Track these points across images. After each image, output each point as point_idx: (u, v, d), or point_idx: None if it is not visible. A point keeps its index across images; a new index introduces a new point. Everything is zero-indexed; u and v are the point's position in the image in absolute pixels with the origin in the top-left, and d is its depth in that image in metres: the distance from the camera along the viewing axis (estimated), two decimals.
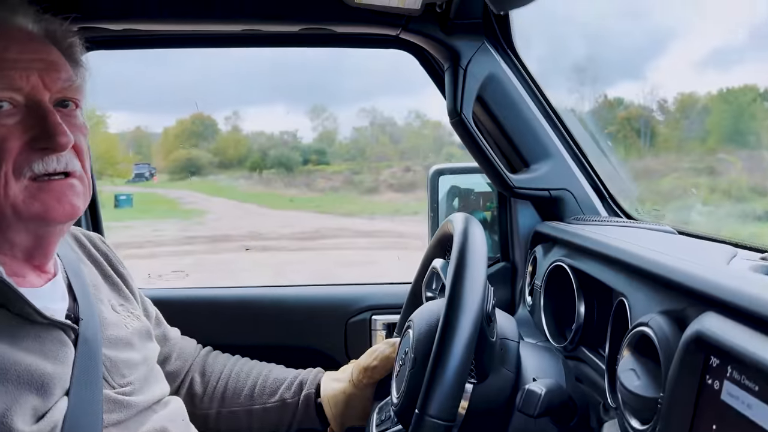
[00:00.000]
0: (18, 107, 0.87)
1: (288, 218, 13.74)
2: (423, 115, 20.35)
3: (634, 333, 0.83)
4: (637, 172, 7.91)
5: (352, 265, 8.99)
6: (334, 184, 17.15)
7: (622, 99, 10.85)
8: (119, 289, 1.17)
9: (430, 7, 1.35)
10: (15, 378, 0.82)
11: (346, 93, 32.97)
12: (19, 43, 0.89)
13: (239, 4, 1.32)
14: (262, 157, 18.66)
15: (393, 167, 17.54)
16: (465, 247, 0.93)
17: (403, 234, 11.48)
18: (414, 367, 0.97)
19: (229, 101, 30.25)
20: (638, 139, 10.83)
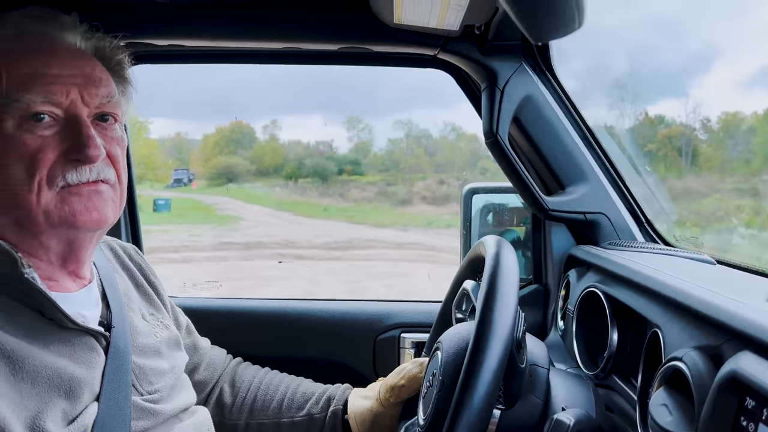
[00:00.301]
0: (57, 120, 0.90)
1: (322, 227, 13.83)
2: (459, 128, 20.30)
3: (667, 367, 0.82)
4: (677, 191, 7.71)
5: (383, 276, 8.99)
6: (368, 195, 17.21)
7: (663, 117, 10.63)
8: (150, 299, 1.19)
9: (469, 28, 1.35)
10: (46, 381, 0.84)
11: (382, 104, 33.14)
12: (62, 59, 0.92)
13: (281, 23, 1.35)
14: (297, 166, 18.86)
15: (427, 179, 17.52)
16: (497, 272, 0.93)
17: (435, 247, 11.45)
18: (441, 390, 0.97)
19: (268, 110, 30.74)
20: (679, 158, 10.59)
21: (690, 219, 5.93)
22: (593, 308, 1.27)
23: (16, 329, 0.85)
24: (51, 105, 0.89)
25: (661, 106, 13.63)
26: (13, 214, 0.89)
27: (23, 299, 0.87)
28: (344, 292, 8.25)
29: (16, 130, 0.87)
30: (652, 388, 0.85)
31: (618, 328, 1.15)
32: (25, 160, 0.87)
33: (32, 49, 0.91)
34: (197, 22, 1.35)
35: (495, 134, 1.39)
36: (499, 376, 0.83)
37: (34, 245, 0.92)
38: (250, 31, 1.36)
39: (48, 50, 0.92)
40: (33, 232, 0.90)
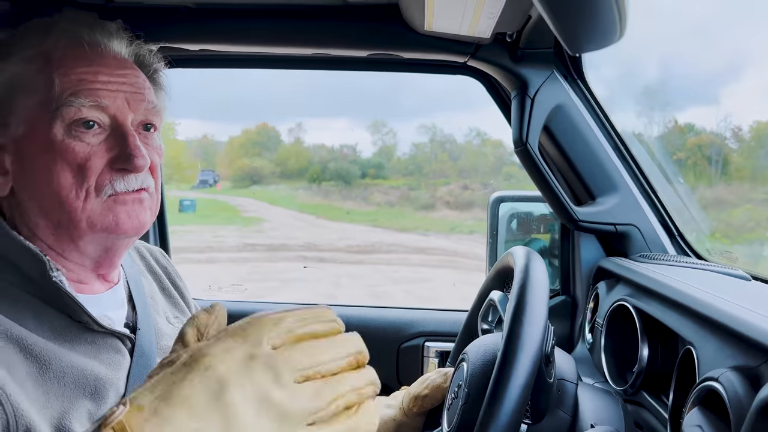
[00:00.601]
0: (103, 127, 0.91)
1: (344, 231, 13.87)
2: (484, 134, 20.21)
3: (702, 387, 0.79)
4: (707, 201, 7.58)
5: (405, 281, 8.98)
6: (391, 199, 17.20)
7: (693, 125, 10.46)
8: (176, 302, 1.20)
9: (500, 35, 1.34)
10: (72, 381, 0.85)
11: (407, 109, 33.11)
12: (111, 68, 0.93)
13: (312, 29, 1.35)
14: (321, 169, 18.94)
15: (450, 184, 17.45)
16: (526, 285, 0.91)
17: (457, 252, 11.40)
18: (467, 402, 0.96)
19: (293, 113, 30.95)
20: (709, 167, 10.40)
21: (719, 229, 5.81)
22: (623, 322, 1.25)
23: (43, 330, 0.86)
24: (100, 111, 0.90)
25: (691, 114, 13.40)
26: (55, 218, 0.90)
27: (51, 301, 0.88)
28: (365, 296, 8.25)
29: (65, 136, 0.88)
30: (686, 407, 0.83)
31: (648, 343, 1.13)
32: (74, 168, 0.88)
33: (84, 56, 0.92)
34: (229, 28, 1.35)
35: (525, 143, 1.37)
36: (527, 392, 0.82)
37: (70, 248, 0.93)
38: (281, 37, 1.36)
39: (98, 58, 0.93)
40: (72, 236, 0.91)
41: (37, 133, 0.88)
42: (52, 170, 0.88)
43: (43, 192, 0.89)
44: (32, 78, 0.89)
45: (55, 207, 0.89)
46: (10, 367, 0.79)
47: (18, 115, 0.88)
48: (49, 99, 0.88)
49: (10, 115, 0.88)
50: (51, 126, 0.87)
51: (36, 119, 0.88)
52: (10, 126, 0.88)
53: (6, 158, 0.89)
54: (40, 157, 0.88)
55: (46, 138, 0.87)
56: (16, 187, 0.90)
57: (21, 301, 0.86)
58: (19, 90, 0.89)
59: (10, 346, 0.81)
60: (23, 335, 0.82)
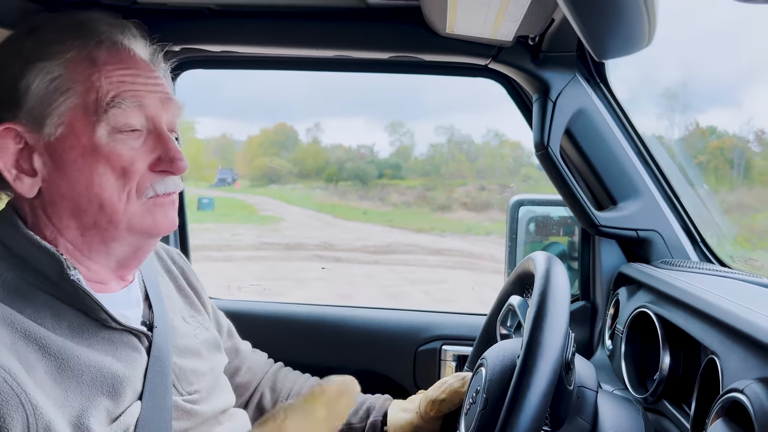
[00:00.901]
0: (142, 131, 0.92)
1: (361, 231, 13.88)
2: (502, 135, 20.10)
3: (726, 398, 0.78)
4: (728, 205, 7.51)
5: (421, 282, 8.96)
6: (407, 199, 17.17)
7: (715, 127, 10.30)
8: (192, 302, 1.21)
9: (523, 38, 1.33)
10: (90, 379, 0.86)
11: (424, 109, 33.07)
12: (145, 71, 0.94)
13: (333, 31, 1.35)
14: (338, 169, 18.98)
15: (467, 185, 17.39)
16: (547, 291, 0.90)
17: (473, 254, 11.35)
18: (485, 408, 0.95)
19: (311, 113, 31.05)
20: (731, 171, 10.23)
21: (741, 234, 5.73)
22: (643, 329, 1.23)
23: (61, 329, 0.87)
24: (140, 114, 0.91)
25: (713, 117, 13.16)
26: (90, 220, 0.90)
27: (68, 300, 0.89)
28: (380, 296, 8.25)
29: (109, 139, 0.89)
30: (709, 418, 0.82)
31: (670, 352, 1.11)
32: (117, 171, 0.89)
33: (121, 59, 0.93)
34: (251, 30, 1.36)
35: (546, 146, 1.36)
36: (547, 399, 0.81)
37: (98, 250, 0.93)
38: (303, 39, 1.37)
39: (134, 62, 0.94)
40: (105, 238, 0.92)
41: (79, 135, 0.88)
42: (94, 173, 0.88)
43: (81, 194, 0.89)
44: (75, 80, 0.89)
45: (94, 209, 0.90)
46: (29, 366, 0.80)
47: (57, 116, 0.88)
48: (93, 102, 0.88)
49: (47, 116, 0.88)
50: (94, 129, 0.88)
51: (77, 121, 0.88)
52: (45, 127, 0.88)
53: (36, 159, 0.89)
54: (81, 159, 0.88)
55: (89, 141, 0.88)
56: (46, 188, 0.90)
57: (39, 301, 0.87)
58: (60, 91, 0.88)
59: (28, 345, 0.82)
60: (42, 334, 0.83)
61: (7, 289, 0.86)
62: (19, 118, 0.88)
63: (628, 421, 1.02)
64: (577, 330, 1.55)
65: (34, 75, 0.88)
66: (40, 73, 0.88)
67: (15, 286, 0.87)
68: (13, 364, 0.77)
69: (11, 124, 0.88)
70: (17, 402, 0.75)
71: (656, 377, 1.12)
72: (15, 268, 0.88)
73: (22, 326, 0.82)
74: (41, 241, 0.89)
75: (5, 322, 0.81)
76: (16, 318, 0.82)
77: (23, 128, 0.88)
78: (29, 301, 0.86)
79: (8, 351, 0.78)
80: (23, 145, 0.89)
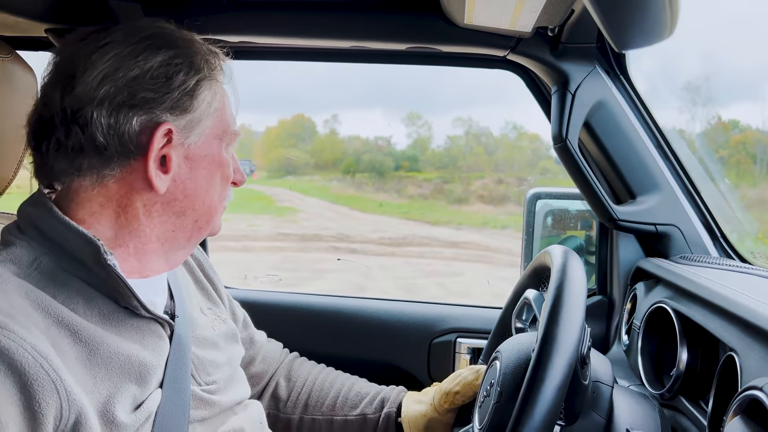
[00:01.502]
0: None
1: (377, 223, 13.88)
2: (520, 127, 19.90)
3: (745, 396, 0.77)
4: (750, 200, 7.36)
5: (437, 275, 8.95)
6: (424, 192, 17.11)
7: (737, 121, 10.12)
8: (209, 294, 1.22)
9: (542, 30, 1.32)
10: (119, 366, 0.87)
11: (442, 101, 32.89)
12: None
13: (350, 22, 1.35)
14: (355, 161, 18.96)
15: (485, 178, 17.28)
16: (563, 285, 0.90)
17: (490, 247, 11.30)
18: (499, 401, 0.95)
19: (329, 104, 31.03)
20: (753, 166, 10.05)
21: (763, 230, 5.62)
22: (661, 325, 1.22)
23: (92, 315, 0.88)
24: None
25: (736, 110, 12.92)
26: (192, 219, 0.99)
27: (99, 286, 0.90)
28: (396, 288, 8.26)
29: (226, 152, 1.02)
30: (726, 416, 0.81)
31: (688, 348, 1.10)
32: (223, 178, 1.02)
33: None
34: (268, 21, 1.36)
35: (564, 139, 1.35)
36: (562, 393, 0.81)
37: (174, 245, 1.00)
38: (320, 29, 1.36)
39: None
40: (193, 235, 1.01)
41: (211, 146, 0.99)
42: (213, 178, 1.00)
43: (200, 196, 0.98)
44: (219, 101, 1.00)
45: (205, 209, 1.00)
46: (61, 351, 0.81)
47: (203, 128, 0.97)
48: (224, 123, 1.01)
49: (198, 127, 0.96)
50: (220, 144, 1.01)
51: (212, 135, 0.99)
52: (193, 136, 0.96)
53: (174, 159, 0.94)
54: (208, 167, 0.99)
55: (218, 153, 1.00)
56: (172, 186, 0.95)
57: (72, 287, 0.88)
58: (213, 109, 0.98)
59: (61, 331, 0.83)
60: (73, 320, 0.84)
61: (41, 273, 0.87)
62: (179, 122, 0.93)
63: (644, 417, 1.01)
64: (593, 325, 1.53)
65: (207, 91, 0.96)
66: (210, 90, 0.97)
67: (50, 271, 0.88)
68: (48, 350, 0.78)
69: (172, 125, 0.93)
70: (52, 387, 0.76)
71: (673, 373, 1.11)
72: (50, 252, 0.89)
73: (55, 312, 0.83)
74: (78, 226, 0.89)
75: (40, 307, 0.82)
76: (50, 303, 0.84)
77: (177, 131, 0.93)
78: (63, 287, 0.87)
79: (44, 336, 0.80)
80: (168, 145, 0.93)
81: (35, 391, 0.75)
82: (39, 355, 0.76)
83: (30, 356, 0.75)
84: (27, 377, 0.75)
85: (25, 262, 0.87)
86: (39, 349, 0.77)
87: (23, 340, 0.76)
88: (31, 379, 0.75)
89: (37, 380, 0.75)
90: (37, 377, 0.75)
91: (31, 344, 0.76)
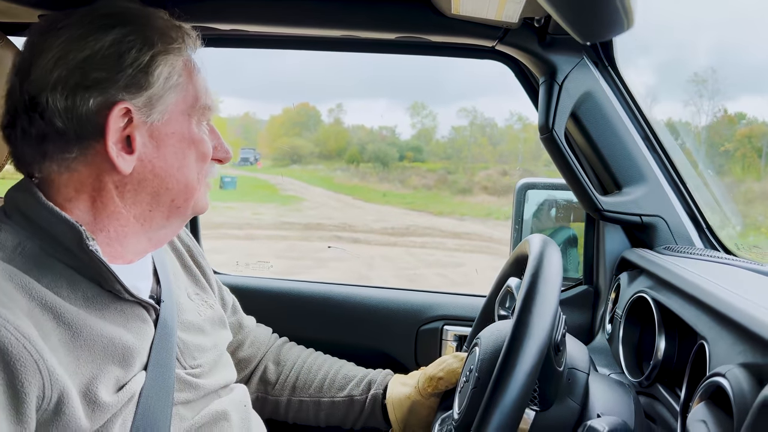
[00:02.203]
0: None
1: (380, 213, 13.90)
2: (525, 119, 19.82)
3: (709, 382, 0.79)
4: (753, 194, 7.32)
5: (438, 265, 8.96)
6: (428, 182, 17.10)
7: (744, 114, 10.01)
8: (197, 279, 1.24)
9: (529, 20, 1.32)
10: (101, 348, 0.88)
11: (447, 92, 32.65)
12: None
13: (338, 11, 1.35)
14: (359, 151, 18.94)
15: (489, 169, 17.26)
16: (538, 272, 0.91)
17: (492, 238, 11.31)
18: (476, 386, 0.97)
19: (334, 94, 30.90)
20: (758, 159, 9.97)
21: (765, 224, 5.64)
22: (642, 314, 1.24)
23: (76, 298, 0.90)
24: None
25: (743, 104, 12.79)
26: (169, 198, 0.99)
27: (83, 270, 0.91)
28: (397, 278, 8.29)
29: (198, 128, 1.00)
30: (692, 402, 0.82)
31: (666, 336, 1.12)
32: (199, 155, 1.00)
33: (195, 60, 1.04)
34: (256, 9, 1.37)
35: (551, 130, 1.36)
36: (532, 379, 0.82)
37: (153, 225, 1.00)
38: (308, 18, 1.37)
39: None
40: (171, 214, 1.00)
41: (179, 123, 0.98)
42: (185, 156, 0.98)
43: (172, 174, 0.97)
44: (184, 75, 0.98)
45: (180, 188, 0.99)
46: (44, 333, 0.83)
47: (165, 104, 0.96)
48: (192, 97, 0.99)
49: (159, 104, 0.95)
50: (190, 120, 0.99)
51: (179, 111, 0.97)
52: (155, 113, 0.95)
53: (138, 139, 0.94)
54: (177, 144, 0.97)
55: (188, 129, 0.98)
56: (139, 166, 0.95)
57: (56, 270, 0.90)
58: (176, 84, 0.96)
59: (44, 313, 0.84)
60: (57, 303, 0.86)
61: (25, 257, 0.88)
62: (137, 100, 0.93)
63: (619, 403, 1.02)
64: (579, 314, 1.55)
65: (163, 66, 0.94)
66: (167, 65, 0.95)
67: (34, 255, 0.89)
68: (31, 331, 0.79)
69: (129, 104, 0.92)
70: (35, 367, 0.78)
71: (651, 362, 1.12)
72: (34, 236, 0.91)
73: (39, 295, 0.85)
74: (60, 212, 0.91)
75: (23, 290, 0.84)
76: (34, 286, 0.85)
77: (137, 110, 0.93)
78: (47, 270, 0.89)
79: (27, 318, 0.81)
80: (130, 124, 0.93)
81: (17, 370, 0.77)
82: (22, 335, 0.78)
83: (13, 336, 0.77)
84: (9, 357, 0.77)
85: (9, 246, 0.89)
86: (22, 330, 0.79)
87: (6, 320, 0.78)
88: (14, 358, 0.77)
89: (19, 360, 0.77)
90: (19, 357, 0.77)
91: (14, 325, 0.78)
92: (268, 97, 38.91)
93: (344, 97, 36.61)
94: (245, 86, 31.87)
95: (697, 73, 7.84)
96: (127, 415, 0.91)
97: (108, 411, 0.87)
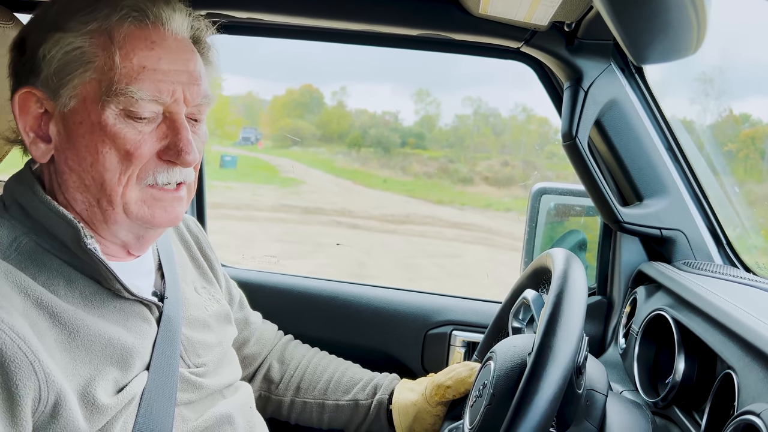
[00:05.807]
0: (156, 116, 0.89)
1: (380, 199, 13.86)
2: (530, 110, 19.73)
3: (741, 419, 0.76)
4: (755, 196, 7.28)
5: (437, 255, 8.96)
6: (429, 170, 17.04)
7: (749, 115, 9.98)
8: (204, 272, 1.20)
9: (558, 24, 1.28)
10: (100, 349, 0.86)
11: (453, 79, 32.48)
12: (172, 53, 0.89)
13: (363, 5, 1.31)
14: (361, 135, 18.85)
15: (491, 159, 17.21)
16: (563, 293, 0.88)
17: (492, 230, 11.30)
18: (491, 404, 0.94)
19: (338, 76, 30.69)
20: (761, 161, 9.93)
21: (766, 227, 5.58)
22: (659, 332, 1.21)
23: (74, 297, 0.87)
24: (157, 104, 0.87)
25: (749, 104, 12.70)
26: (94, 197, 0.89)
27: (81, 268, 0.89)
28: (395, 266, 8.28)
29: (117, 120, 0.86)
30: None
31: (685, 358, 1.09)
32: (121, 153, 0.87)
33: (147, 37, 0.88)
34: None
35: (574, 137, 1.32)
36: (555, 406, 0.80)
37: (103, 227, 0.92)
38: (330, 10, 1.32)
39: (160, 40, 0.89)
40: (107, 218, 0.90)
41: (89, 111, 0.86)
42: (98, 152, 0.86)
43: (86, 170, 0.88)
44: (92, 54, 0.86)
45: (96, 188, 0.88)
46: (40, 333, 0.80)
47: (71, 88, 0.86)
48: (107, 81, 0.85)
49: (63, 86, 0.86)
50: (104, 109, 0.85)
51: (89, 97, 0.86)
52: (60, 97, 0.87)
53: (51, 127, 0.89)
54: (89, 136, 0.86)
55: (98, 119, 0.86)
56: (57, 157, 0.90)
57: (53, 267, 0.87)
58: (77, 64, 0.86)
59: (40, 312, 0.82)
60: (53, 302, 0.83)
61: (21, 254, 0.86)
62: (38, 84, 0.88)
63: (636, 427, 1.00)
64: (591, 325, 1.53)
65: (51, 44, 0.86)
66: (57, 44, 0.86)
67: (30, 251, 0.86)
68: (27, 332, 0.77)
69: (31, 88, 0.88)
70: (30, 369, 0.76)
71: (669, 382, 1.10)
72: (30, 232, 0.88)
73: (35, 294, 0.82)
74: (60, 208, 0.88)
75: (18, 289, 0.81)
76: (29, 285, 0.82)
77: (42, 94, 0.88)
78: (43, 267, 0.86)
79: (22, 318, 0.79)
80: (43, 111, 0.89)
81: (12, 372, 0.74)
82: (17, 336, 0.75)
83: (8, 337, 0.75)
84: (4, 358, 0.74)
85: (4, 242, 0.86)
86: (17, 330, 0.76)
87: (1, 321, 0.75)
88: (9, 360, 0.74)
89: (14, 361, 0.75)
90: (14, 358, 0.75)
91: (9, 325, 0.75)
92: (272, 77, 38.66)
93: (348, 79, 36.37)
94: (248, 65, 31.64)
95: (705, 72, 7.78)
96: (128, 417, 0.89)
97: (107, 413, 0.84)
